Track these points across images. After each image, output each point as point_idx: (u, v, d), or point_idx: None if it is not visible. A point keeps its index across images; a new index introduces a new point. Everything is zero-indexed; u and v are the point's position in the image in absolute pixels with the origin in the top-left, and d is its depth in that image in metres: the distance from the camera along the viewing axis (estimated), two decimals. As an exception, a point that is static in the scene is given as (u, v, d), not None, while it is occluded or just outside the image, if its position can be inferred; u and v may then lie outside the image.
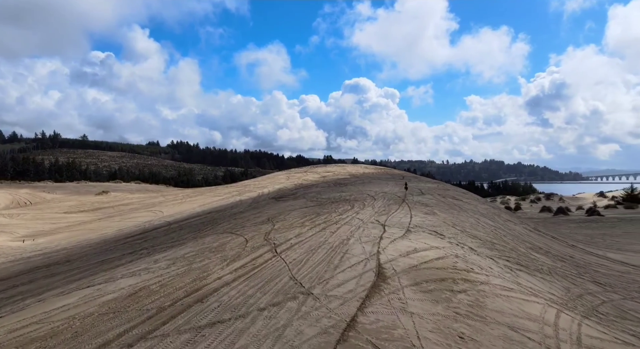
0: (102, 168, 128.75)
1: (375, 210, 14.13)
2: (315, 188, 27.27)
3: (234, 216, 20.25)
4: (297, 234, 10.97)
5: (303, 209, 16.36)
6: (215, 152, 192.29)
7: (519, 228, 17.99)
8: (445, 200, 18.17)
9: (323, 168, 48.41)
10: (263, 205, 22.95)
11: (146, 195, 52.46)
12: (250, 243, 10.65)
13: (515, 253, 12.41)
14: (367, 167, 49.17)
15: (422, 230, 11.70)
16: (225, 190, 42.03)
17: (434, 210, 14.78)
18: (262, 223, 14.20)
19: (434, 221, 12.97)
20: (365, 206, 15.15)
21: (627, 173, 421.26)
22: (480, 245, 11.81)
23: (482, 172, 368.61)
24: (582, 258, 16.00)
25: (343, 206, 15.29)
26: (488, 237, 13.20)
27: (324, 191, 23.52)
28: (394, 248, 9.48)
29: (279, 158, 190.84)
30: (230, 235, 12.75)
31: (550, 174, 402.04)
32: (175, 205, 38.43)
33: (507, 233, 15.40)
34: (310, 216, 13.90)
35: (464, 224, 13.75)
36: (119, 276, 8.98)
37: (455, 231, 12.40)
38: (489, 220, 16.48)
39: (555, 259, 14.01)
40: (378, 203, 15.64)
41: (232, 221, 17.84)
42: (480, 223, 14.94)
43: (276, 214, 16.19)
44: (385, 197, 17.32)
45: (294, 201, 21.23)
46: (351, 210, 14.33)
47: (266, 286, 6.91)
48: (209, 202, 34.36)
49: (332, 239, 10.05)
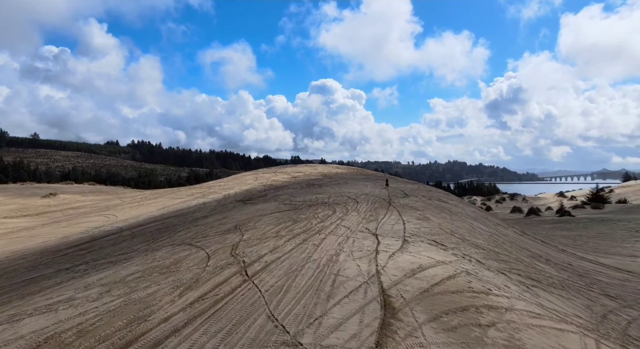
0: (54, 168, 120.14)
1: (361, 216, 12.21)
2: (286, 190, 25.11)
3: (196, 222, 17.78)
4: (272, 248, 8.83)
5: (276, 214, 14.20)
6: (179, 152, 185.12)
7: (510, 232, 16.66)
8: (432, 202, 16.55)
9: (293, 168, 46.27)
10: (229, 208, 20.56)
11: (100, 197, 48.20)
12: (213, 260, 8.42)
13: (522, 265, 10.85)
14: (339, 167, 47.45)
15: (420, 239, 9.89)
16: (187, 192, 39.01)
17: (425, 214, 13.05)
18: (229, 232, 11.95)
19: (429, 228, 11.21)
20: (348, 210, 13.20)
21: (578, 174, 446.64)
22: (485, 256, 10.15)
23: (445, 172, 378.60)
24: (580, 265, 14.81)
25: (323, 211, 13.26)
26: (489, 245, 11.60)
27: (297, 193, 21.42)
28: (396, 265, 7.57)
29: (246, 158, 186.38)
30: (188, 248, 10.44)
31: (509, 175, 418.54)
32: (132, 209, 35.13)
33: (503, 239, 13.93)
34: (286, 224, 11.78)
35: (460, 230, 12.09)
36: (29, 312, 6.53)
37: (455, 240, 10.69)
38: (482, 225, 14.98)
39: (557, 268, 12.63)
40: (363, 207, 13.75)
41: (192, 228, 15.41)
42: (475, 229, 13.36)
43: (245, 220, 13.96)
44: (368, 200, 15.45)
45: (264, 204, 19.00)
46: (333, 216, 12.33)
47: (234, 333, 4.78)
48: (169, 205, 31.44)
49: (318, 254, 8.00)
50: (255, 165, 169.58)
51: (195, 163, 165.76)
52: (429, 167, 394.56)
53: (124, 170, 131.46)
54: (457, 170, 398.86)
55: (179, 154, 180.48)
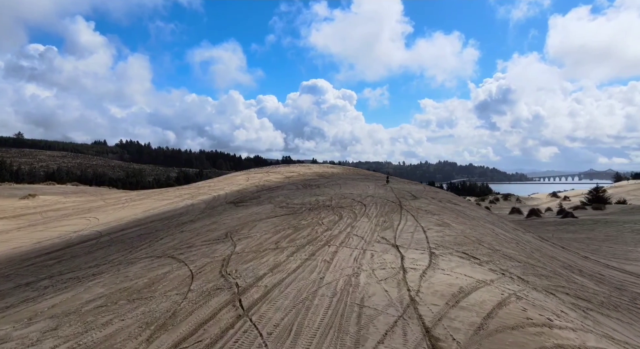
0: (38, 168, 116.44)
1: (373, 222, 10.54)
2: (281, 191, 23.37)
3: (182, 227, 15.96)
4: (272, 265, 7.10)
5: (272, 219, 12.47)
6: (169, 152, 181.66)
7: (530, 238, 15.16)
8: (445, 205, 14.97)
9: (286, 168, 44.53)
10: (219, 211, 18.76)
11: (83, 198, 45.83)
12: (197, 281, 6.67)
13: (564, 280, 9.29)
14: (334, 167, 45.77)
15: (449, 251, 8.26)
16: (175, 193, 37.00)
17: (443, 219, 11.43)
18: (218, 242, 10.19)
19: (453, 236, 9.59)
20: (357, 215, 11.52)
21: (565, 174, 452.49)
22: (523, 270, 8.56)
23: (436, 172, 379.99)
24: (611, 276, 13.35)
25: (328, 216, 11.56)
26: (521, 256, 10.03)
27: (293, 195, 19.69)
28: (432, 289, 5.93)
29: (236, 159, 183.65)
30: (169, 262, 8.67)
31: (499, 175, 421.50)
32: (115, 211, 33.06)
33: (530, 247, 12.38)
34: (286, 232, 10.05)
35: (486, 239, 10.50)
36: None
37: (485, 250, 9.09)
38: (503, 231, 13.43)
39: (594, 281, 11.13)
40: (372, 211, 12.08)
41: (177, 235, 13.59)
42: (499, 236, 11.79)
43: (237, 226, 12.20)
44: (376, 202, 13.80)
45: (258, 207, 17.23)
46: (341, 222, 10.65)
47: None
48: (155, 207, 29.47)
49: (331, 275, 6.30)
50: (246, 165, 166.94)
51: (185, 164, 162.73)
52: (420, 167, 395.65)
53: (111, 171, 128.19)
54: (447, 170, 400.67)
55: (168, 154, 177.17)
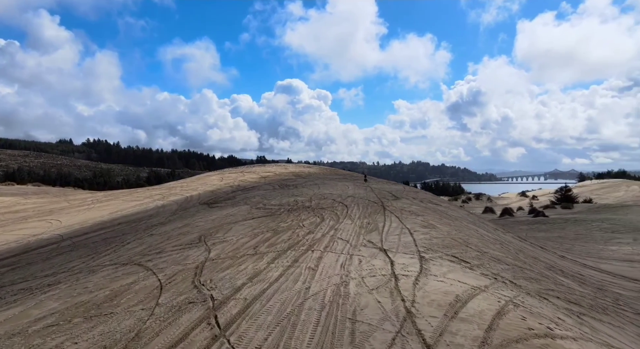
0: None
1: (357, 224, 10.02)
2: (257, 191, 22.58)
3: (151, 229, 14.99)
4: (251, 273, 6.44)
5: (249, 221, 11.75)
6: (139, 151, 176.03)
7: (510, 238, 15.06)
8: (427, 205, 14.65)
9: (261, 168, 43.60)
10: (192, 213, 17.83)
11: (45, 199, 43.31)
12: (167, 294, 5.93)
13: (551, 282, 9.05)
14: (311, 167, 45.18)
15: (438, 254, 7.83)
16: (145, 193, 35.47)
17: (428, 220, 11.04)
18: (191, 246, 9.40)
19: (441, 238, 9.19)
20: (339, 217, 10.97)
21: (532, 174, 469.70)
22: (513, 273, 8.24)
23: (409, 172, 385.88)
24: (590, 275, 13.36)
25: (309, 218, 10.94)
26: (508, 258, 9.76)
27: (270, 195, 18.97)
28: (427, 299, 5.44)
29: (210, 158, 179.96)
30: (136, 270, 7.85)
31: (469, 175, 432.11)
32: (80, 213, 31.33)
33: (513, 248, 12.19)
34: (265, 235, 9.39)
35: (472, 240, 10.17)
36: None
37: (474, 253, 8.73)
38: (485, 231, 13.21)
39: (577, 282, 11.02)
40: (355, 212, 11.56)
41: (146, 239, 12.65)
42: (483, 237, 11.53)
43: (211, 229, 11.42)
44: (357, 203, 13.30)
45: (233, 208, 16.43)
46: (323, 224, 10.06)
47: None
48: (123, 208, 28.06)
49: (318, 284, 5.71)
50: (219, 165, 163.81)
51: (156, 163, 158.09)
52: (394, 167, 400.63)
53: (77, 170, 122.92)
54: (420, 170, 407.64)
55: (138, 154, 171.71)
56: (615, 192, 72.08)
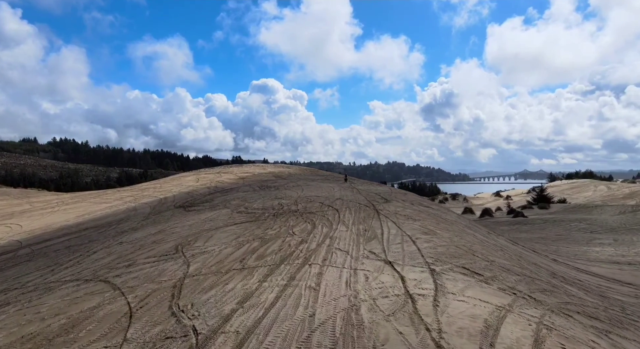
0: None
1: (352, 230, 9.11)
2: (237, 193, 21.38)
3: (121, 236, 13.62)
4: (241, 294, 5.41)
5: (231, 228, 10.65)
6: (109, 151, 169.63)
7: (503, 242, 14.53)
8: (419, 208, 13.93)
9: (239, 168, 42.21)
10: (167, 217, 16.50)
11: (5, 201, 40.40)
12: (137, 324, 4.83)
13: (563, 293, 8.41)
14: (290, 167, 44.09)
15: (448, 266, 7.03)
16: (115, 195, 33.53)
17: (426, 225, 10.26)
18: (167, 258, 8.26)
19: (445, 246, 8.41)
20: (332, 222, 10.02)
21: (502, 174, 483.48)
22: (528, 285, 7.52)
23: (385, 173, 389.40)
24: (587, 281, 12.95)
25: (298, 224, 9.94)
26: (514, 266, 9.08)
27: (251, 198, 17.84)
28: (454, 326, 4.59)
29: (184, 158, 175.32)
30: (101, 289, 6.67)
31: (444, 175, 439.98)
32: (43, 216, 29.24)
33: (512, 253, 11.57)
34: (252, 244, 8.34)
35: (475, 247, 9.45)
36: None
37: (482, 262, 7.99)
38: (482, 236, 12.58)
39: (582, 290, 10.49)
40: (347, 217, 10.64)
41: (114, 247, 11.34)
42: (484, 243, 10.85)
43: (189, 237, 10.26)
44: (347, 206, 12.40)
45: (212, 212, 15.24)
46: (315, 231, 9.10)
47: None
48: (91, 211, 26.27)
49: (323, 310, 4.75)
50: (194, 165, 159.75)
51: (127, 163, 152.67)
52: (370, 167, 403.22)
53: (42, 171, 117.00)
54: (396, 170, 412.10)
55: (108, 153, 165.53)
56: (585, 192, 74.15)
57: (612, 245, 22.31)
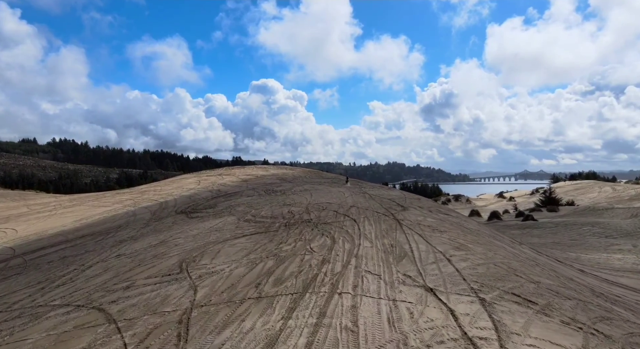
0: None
1: (377, 246, 8.13)
2: (241, 198, 20.41)
3: (120, 247, 12.64)
4: (263, 339, 4.44)
5: (240, 240, 9.67)
6: (109, 151, 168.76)
7: (530, 252, 13.57)
8: (439, 215, 12.96)
9: (241, 170, 41.23)
10: (168, 224, 15.52)
11: (2, 204, 39.38)
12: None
13: (622, 320, 7.43)
14: (293, 169, 43.11)
15: (496, 293, 6.06)
16: (114, 198, 32.57)
17: (454, 238, 9.29)
18: (170, 278, 7.29)
19: (484, 265, 7.44)
20: (352, 236, 9.05)
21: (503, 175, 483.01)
22: (587, 314, 6.55)
23: (385, 173, 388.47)
24: (625, 297, 11.99)
25: (315, 238, 8.96)
26: (560, 287, 8.11)
27: (257, 203, 16.87)
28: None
29: (184, 159, 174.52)
30: (93, 320, 5.71)
31: (444, 176, 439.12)
32: (39, 220, 28.27)
33: (548, 267, 10.59)
34: (266, 263, 7.36)
35: (513, 264, 8.47)
36: None
37: (529, 286, 7.02)
38: (510, 247, 11.61)
39: (631, 312, 9.53)
40: (367, 229, 9.67)
41: (111, 261, 10.36)
42: (517, 257, 9.87)
43: (194, 250, 9.28)
44: (365, 215, 11.42)
45: (217, 220, 14.27)
46: (336, 247, 8.12)
47: None
48: (89, 216, 25.30)
49: (370, 363, 3.79)
50: (194, 166, 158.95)
51: (127, 164, 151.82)
52: (370, 168, 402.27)
53: (42, 171, 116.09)
54: (396, 171, 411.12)
55: (108, 154, 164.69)
56: (589, 193, 73.26)
57: (632, 251, 21.37)
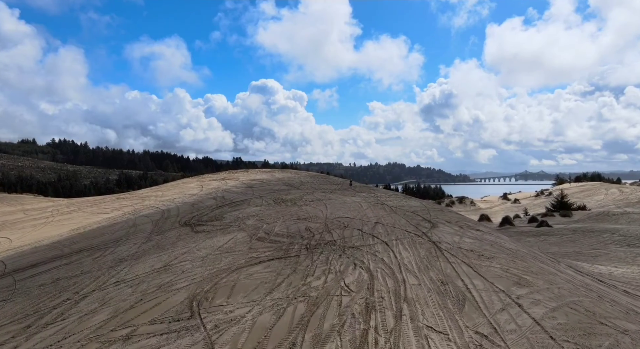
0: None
1: (424, 282, 6.83)
2: (249, 207, 19.10)
3: (119, 267, 11.33)
4: None
5: (257, 269, 8.37)
6: (109, 152, 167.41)
7: (575, 274, 12.27)
8: (473, 233, 11.65)
9: (245, 175, 39.91)
10: (172, 240, 14.21)
11: (-2, 209, 38.11)
12: None
13: None
14: (299, 173, 41.78)
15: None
16: (114, 204, 31.28)
17: (509, 269, 7.97)
18: (178, 326, 6.00)
19: (560, 310, 6.16)
20: (390, 266, 7.73)
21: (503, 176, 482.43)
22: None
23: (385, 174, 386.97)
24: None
25: (347, 270, 7.63)
26: None
27: (268, 215, 15.56)
28: None
29: (184, 160, 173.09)
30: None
31: (444, 176, 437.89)
32: (35, 228, 27.01)
33: (612, 302, 9.29)
34: (294, 306, 6.06)
35: (585, 303, 7.18)
36: None
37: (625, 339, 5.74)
38: (555, 270, 10.28)
39: None
40: (404, 256, 8.35)
41: (109, 289, 9.05)
42: (581, 293, 8.57)
43: (204, 282, 7.98)
44: (394, 235, 10.11)
45: (225, 236, 12.95)
46: (376, 283, 6.78)
47: None
48: (87, 224, 24.01)
49: None
50: (194, 166, 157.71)
51: (127, 165, 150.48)
52: (370, 168, 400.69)
53: (41, 173, 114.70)
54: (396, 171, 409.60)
55: (108, 155, 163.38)
56: (596, 196, 71.86)
57: (663, 264, 20.07)
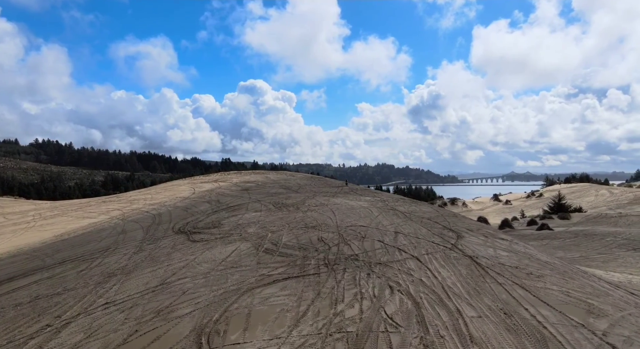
0: None
1: (484, 314, 5.72)
2: (248, 213, 17.82)
3: (107, 283, 9.97)
4: None
5: (273, 292, 7.16)
6: (94, 152, 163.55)
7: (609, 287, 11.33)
8: (501, 243, 10.59)
9: (238, 177, 38.53)
10: (166, 250, 12.87)
11: (-25, 213, 35.99)
12: None
13: None
14: (293, 175, 40.52)
15: None
16: (100, 208, 29.62)
17: (567, 290, 6.92)
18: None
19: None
20: (434, 290, 6.59)
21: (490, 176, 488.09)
22: None
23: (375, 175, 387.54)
24: None
25: (385, 295, 6.44)
26: None
27: (272, 223, 14.32)
28: None
29: (172, 160, 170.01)
30: None
31: (432, 177, 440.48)
32: (16, 233, 25.31)
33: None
34: (329, 343, 4.86)
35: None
36: None
37: None
38: (599, 285, 9.29)
39: None
40: (444, 276, 7.23)
41: (97, 316, 7.73)
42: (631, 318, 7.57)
43: (212, 308, 6.74)
44: (419, 246, 8.98)
45: (227, 247, 11.67)
46: (427, 315, 5.64)
47: None
48: (71, 230, 22.47)
49: None
50: (182, 167, 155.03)
51: (113, 166, 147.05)
52: (359, 169, 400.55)
53: (23, 174, 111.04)
54: (385, 172, 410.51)
55: (94, 155, 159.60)
56: (586, 197, 72.04)
57: (677, 269, 19.36)
